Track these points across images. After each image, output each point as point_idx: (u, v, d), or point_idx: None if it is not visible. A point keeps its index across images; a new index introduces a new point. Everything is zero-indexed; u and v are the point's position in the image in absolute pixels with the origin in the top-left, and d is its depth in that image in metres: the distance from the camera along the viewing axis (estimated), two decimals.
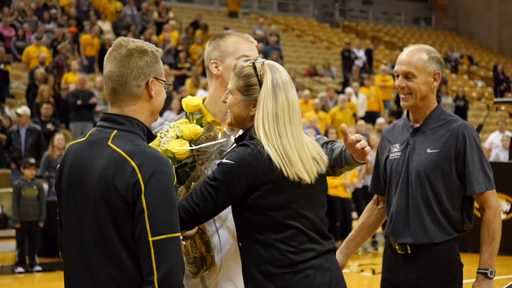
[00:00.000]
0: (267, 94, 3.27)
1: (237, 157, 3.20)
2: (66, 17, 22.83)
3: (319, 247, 3.30)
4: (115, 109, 3.02)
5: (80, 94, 16.98)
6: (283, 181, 3.20)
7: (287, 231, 3.22)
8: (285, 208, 3.23)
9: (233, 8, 30.47)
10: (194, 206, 3.20)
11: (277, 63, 3.38)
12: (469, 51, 33.26)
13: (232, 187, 3.18)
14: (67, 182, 3.02)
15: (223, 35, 3.70)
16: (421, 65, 4.11)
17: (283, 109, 3.26)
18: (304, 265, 3.22)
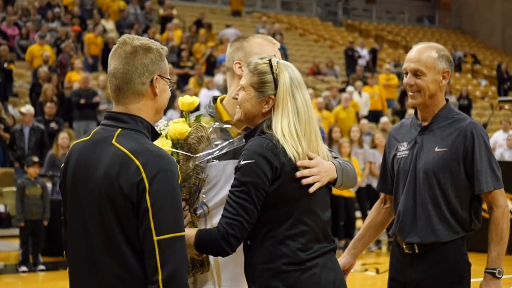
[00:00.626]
0: (285, 92, 3.28)
1: (255, 153, 3.20)
2: (70, 16, 22.83)
3: (324, 247, 3.30)
4: (120, 107, 3.01)
5: (83, 93, 16.98)
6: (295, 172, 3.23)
7: (298, 227, 3.23)
8: (298, 202, 3.23)
9: (236, 7, 30.47)
10: (239, 218, 3.17)
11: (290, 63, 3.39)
12: (472, 50, 33.23)
13: (262, 184, 3.18)
14: (71, 181, 3.01)
15: (246, 37, 3.69)
16: (431, 63, 4.09)
17: (304, 108, 3.29)
18: (311, 263, 3.23)
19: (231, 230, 3.16)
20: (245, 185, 3.18)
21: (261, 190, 3.18)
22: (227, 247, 3.18)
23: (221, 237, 3.16)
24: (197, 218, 3.49)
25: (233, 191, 3.21)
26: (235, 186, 3.20)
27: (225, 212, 3.20)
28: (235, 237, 3.16)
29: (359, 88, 20.81)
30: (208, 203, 3.52)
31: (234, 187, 3.21)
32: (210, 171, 3.49)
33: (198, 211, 3.50)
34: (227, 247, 3.17)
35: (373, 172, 13.63)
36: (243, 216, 3.17)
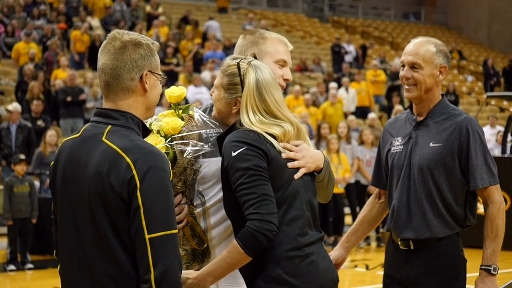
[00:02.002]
0: (250, 95, 3.29)
1: (242, 142, 3.20)
2: (55, 13, 22.74)
3: (315, 234, 3.31)
4: (109, 103, 2.97)
5: (70, 91, 16.93)
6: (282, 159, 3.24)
7: (291, 213, 3.22)
8: (288, 187, 3.24)
9: (222, 3, 30.43)
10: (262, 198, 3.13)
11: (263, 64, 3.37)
12: (458, 46, 33.30)
13: (263, 162, 3.18)
14: (61, 179, 2.97)
15: (263, 33, 3.61)
16: (428, 57, 4.07)
17: (276, 108, 3.30)
18: (309, 250, 3.23)
19: (263, 210, 3.12)
20: (249, 169, 3.16)
21: (264, 168, 3.18)
22: (269, 226, 3.10)
23: (258, 222, 3.10)
24: (195, 208, 3.46)
25: (241, 181, 3.17)
26: (240, 176, 3.17)
27: (246, 202, 3.15)
28: (271, 214, 3.12)
29: (345, 84, 20.81)
30: (208, 200, 3.48)
31: (240, 177, 3.17)
32: (210, 167, 3.45)
33: (195, 202, 3.47)
34: (269, 226, 3.10)
35: (361, 168, 13.62)
36: (264, 193, 3.14)
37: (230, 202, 3.27)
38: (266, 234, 3.10)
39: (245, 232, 3.12)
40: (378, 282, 4.30)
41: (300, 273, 3.18)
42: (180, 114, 3.47)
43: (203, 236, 3.46)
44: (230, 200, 3.27)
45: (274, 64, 3.56)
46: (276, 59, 3.58)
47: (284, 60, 3.60)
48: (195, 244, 3.45)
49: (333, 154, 13.11)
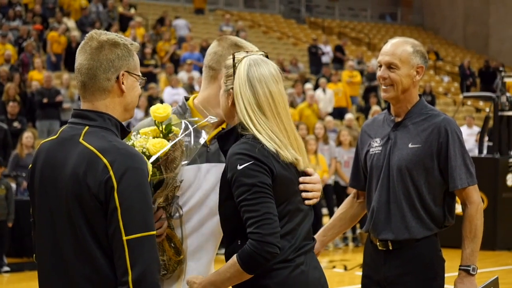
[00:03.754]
0: (242, 84, 3.22)
1: (250, 156, 3.14)
2: (31, 14, 22.61)
3: (308, 244, 3.28)
4: (86, 104, 2.95)
5: (46, 92, 16.83)
6: (286, 171, 3.19)
7: (288, 226, 3.19)
8: (288, 202, 3.20)
9: (199, 4, 30.38)
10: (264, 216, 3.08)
11: (264, 58, 3.31)
12: (435, 47, 33.44)
13: (268, 180, 3.12)
14: (39, 181, 2.95)
15: (240, 45, 3.56)
16: (405, 57, 4.07)
17: (267, 101, 3.22)
18: (299, 260, 3.20)
19: (264, 230, 3.07)
20: (254, 186, 3.10)
21: (269, 185, 3.13)
22: (269, 248, 3.07)
23: (258, 243, 3.07)
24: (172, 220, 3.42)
25: (245, 197, 3.11)
26: (244, 191, 3.11)
27: (248, 220, 3.10)
28: (271, 234, 3.07)
29: (323, 85, 20.83)
30: (182, 207, 3.46)
31: (244, 193, 3.11)
32: (185, 175, 3.43)
33: (174, 215, 3.45)
34: (269, 247, 3.07)
35: (338, 170, 13.64)
36: (267, 212, 3.09)
37: (228, 212, 3.23)
38: (265, 256, 3.07)
39: (245, 251, 3.10)
40: (357, 282, 4.31)
41: (289, 283, 3.16)
42: (164, 131, 3.39)
43: (180, 247, 3.46)
44: (229, 210, 3.22)
45: None
46: None
47: None
48: (172, 254, 3.43)
49: (311, 155, 13.12)
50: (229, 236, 3.29)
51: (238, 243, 3.19)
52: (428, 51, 31.14)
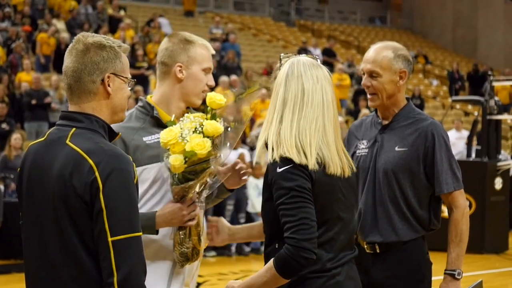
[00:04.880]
0: (279, 83, 3.24)
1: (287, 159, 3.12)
2: (20, 15, 22.55)
3: (347, 254, 3.25)
4: (73, 106, 2.95)
5: (34, 94, 16.78)
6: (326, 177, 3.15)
7: (327, 235, 3.17)
8: (329, 210, 3.17)
9: (189, 7, 30.35)
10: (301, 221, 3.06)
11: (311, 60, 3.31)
12: (424, 50, 33.51)
13: (307, 183, 3.10)
14: (26, 183, 2.95)
15: (190, 40, 3.71)
16: (386, 64, 4.05)
17: (296, 96, 3.20)
18: (336, 271, 3.17)
19: (300, 235, 3.04)
20: (293, 190, 3.08)
21: (309, 189, 3.10)
22: (305, 253, 3.04)
23: (293, 248, 3.04)
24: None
25: (283, 200, 3.09)
26: (282, 195, 3.10)
27: (285, 224, 3.08)
28: (307, 240, 3.05)
29: None
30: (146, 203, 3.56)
31: (282, 196, 3.10)
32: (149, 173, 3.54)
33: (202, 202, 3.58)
34: (305, 253, 3.04)
35: None
36: (304, 217, 3.06)
37: (268, 214, 3.22)
38: (300, 261, 3.05)
39: (281, 255, 3.08)
40: None
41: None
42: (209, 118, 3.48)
43: (204, 235, 3.59)
44: (268, 212, 3.22)
45: (201, 72, 3.69)
46: (204, 67, 3.71)
47: (210, 68, 3.74)
48: (196, 242, 3.54)
49: None
50: (268, 238, 3.27)
51: (276, 246, 3.18)
52: (417, 55, 31.24)
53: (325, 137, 3.21)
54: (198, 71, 3.69)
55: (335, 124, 3.26)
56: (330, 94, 3.26)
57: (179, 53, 3.67)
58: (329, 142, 3.21)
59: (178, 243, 3.53)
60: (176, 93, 3.69)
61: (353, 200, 3.34)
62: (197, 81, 3.70)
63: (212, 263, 12.45)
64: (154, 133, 3.60)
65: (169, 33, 24.08)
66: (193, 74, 3.69)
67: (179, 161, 3.39)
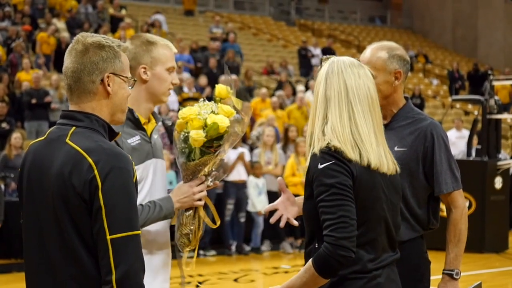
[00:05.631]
0: (319, 81, 3.25)
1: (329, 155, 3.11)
2: (20, 15, 22.55)
3: (389, 256, 3.24)
4: (73, 106, 2.97)
5: (34, 93, 16.77)
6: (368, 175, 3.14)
7: (368, 235, 3.15)
8: (371, 209, 3.15)
9: (189, 6, 30.34)
10: (341, 220, 3.05)
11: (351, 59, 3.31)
12: (424, 50, 33.51)
13: (348, 180, 3.09)
14: (26, 183, 2.97)
15: (153, 41, 3.81)
16: (380, 65, 4.04)
17: (339, 93, 3.19)
18: (377, 272, 3.16)
19: (339, 234, 3.03)
20: (333, 187, 3.07)
21: (350, 186, 3.08)
22: (343, 251, 3.03)
23: (332, 246, 3.03)
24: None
25: (323, 198, 3.08)
26: (323, 192, 3.09)
27: (324, 222, 3.07)
28: (346, 238, 3.03)
29: (312, 88, 20.82)
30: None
31: (322, 193, 3.09)
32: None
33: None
34: (343, 251, 3.02)
35: None
36: (343, 215, 3.05)
37: (310, 209, 3.21)
38: (339, 259, 3.03)
39: (319, 254, 3.07)
40: None
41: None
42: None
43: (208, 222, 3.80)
44: (309, 209, 3.21)
45: (165, 71, 3.79)
46: (167, 67, 3.81)
47: (173, 67, 3.85)
48: (197, 227, 3.69)
49: (301, 157, 13.13)
50: (309, 236, 3.26)
51: (316, 246, 3.17)
52: (418, 54, 31.24)
53: (373, 133, 3.21)
54: (162, 71, 3.80)
55: (380, 121, 3.27)
56: (373, 91, 3.27)
57: (142, 55, 3.76)
58: (377, 139, 3.22)
59: (183, 224, 3.66)
60: (143, 94, 3.78)
61: (396, 199, 3.31)
62: (162, 80, 3.81)
63: (212, 262, 12.44)
64: (135, 135, 3.71)
65: (165, 29, 24.20)
66: (158, 74, 3.79)
67: (200, 135, 3.64)
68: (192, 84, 18.69)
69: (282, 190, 4.00)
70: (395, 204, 3.30)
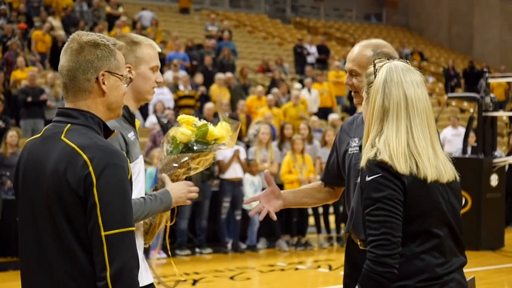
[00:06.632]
0: (376, 90, 3.18)
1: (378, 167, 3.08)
2: (16, 13, 22.53)
3: (458, 260, 3.21)
4: (69, 104, 2.99)
5: (30, 91, 16.75)
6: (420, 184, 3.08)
7: (431, 241, 3.13)
8: (429, 215, 3.12)
9: (184, 4, 30.35)
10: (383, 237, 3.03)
11: (406, 65, 3.26)
12: (419, 47, 33.54)
13: (396, 195, 3.05)
14: (22, 180, 2.99)
15: (137, 41, 3.92)
16: (364, 62, 4.05)
17: (398, 104, 3.14)
18: (448, 277, 3.13)
19: (381, 251, 3.02)
20: (379, 201, 3.05)
21: (398, 201, 3.04)
22: (384, 268, 3.02)
23: (373, 263, 3.03)
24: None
25: (368, 212, 3.07)
26: (368, 205, 3.07)
27: (368, 236, 3.06)
28: (387, 256, 3.01)
29: (308, 85, 20.84)
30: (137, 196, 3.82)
31: (368, 207, 3.07)
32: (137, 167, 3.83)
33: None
34: (383, 268, 3.02)
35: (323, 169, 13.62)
36: (386, 232, 3.02)
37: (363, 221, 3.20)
38: (381, 276, 3.02)
39: (362, 274, 3.08)
40: (342, 282, 4.32)
41: None
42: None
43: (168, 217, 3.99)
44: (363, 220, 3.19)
45: (149, 70, 3.90)
46: (151, 66, 3.92)
47: (157, 66, 3.96)
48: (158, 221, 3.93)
49: (298, 155, 13.13)
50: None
51: None
52: (413, 52, 31.26)
53: (430, 146, 3.16)
54: (146, 70, 3.90)
55: (435, 130, 3.23)
56: (429, 100, 3.23)
57: (127, 55, 3.80)
58: (435, 150, 3.17)
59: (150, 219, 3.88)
60: (129, 93, 3.82)
61: (457, 204, 3.26)
62: (146, 79, 3.91)
63: (208, 260, 12.44)
64: (131, 131, 3.82)
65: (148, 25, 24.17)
66: (142, 73, 3.89)
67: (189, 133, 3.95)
68: (187, 82, 18.67)
69: (268, 183, 4.04)
70: (455, 208, 3.24)
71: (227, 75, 19.56)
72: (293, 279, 10.98)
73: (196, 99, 18.14)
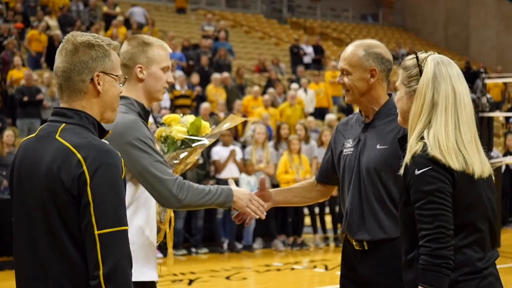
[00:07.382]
0: (426, 84, 3.18)
1: (428, 160, 3.09)
2: (12, 12, 22.51)
3: (493, 254, 3.24)
4: (64, 104, 3.00)
5: (26, 91, 16.74)
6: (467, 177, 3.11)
7: (474, 235, 3.15)
8: (475, 209, 3.14)
9: (181, 4, 30.32)
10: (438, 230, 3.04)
11: (448, 59, 3.30)
12: (416, 48, 33.53)
13: (447, 187, 3.07)
14: (16, 179, 3.01)
15: (148, 42, 4.00)
16: (355, 62, 4.10)
17: (447, 98, 3.16)
18: (487, 271, 3.15)
19: (436, 244, 3.03)
20: (430, 194, 3.06)
21: (448, 193, 3.06)
22: (443, 260, 3.03)
23: (430, 258, 3.04)
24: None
25: (420, 205, 3.07)
26: (419, 199, 3.08)
27: (421, 231, 3.07)
28: (442, 248, 3.03)
29: (304, 85, 20.85)
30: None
31: (419, 200, 3.08)
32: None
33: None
34: (442, 259, 3.03)
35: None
36: (440, 225, 3.04)
37: (407, 218, 3.20)
38: (442, 265, 3.02)
39: (421, 271, 3.07)
40: (338, 282, 4.33)
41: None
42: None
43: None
44: (407, 216, 3.19)
45: (160, 71, 3.97)
46: (162, 66, 4.00)
47: (168, 66, 4.03)
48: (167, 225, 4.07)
49: (294, 155, 13.14)
50: (408, 244, 3.24)
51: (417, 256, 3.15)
52: (409, 52, 31.24)
53: (474, 141, 3.20)
54: (158, 70, 3.98)
55: (475, 125, 3.25)
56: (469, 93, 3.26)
57: (139, 55, 3.94)
58: (477, 143, 3.21)
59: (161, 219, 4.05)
60: (140, 92, 3.96)
61: (493, 198, 3.30)
62: (157, 79, 3.99)
63: (204, 260, 12.45)
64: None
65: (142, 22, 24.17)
66: (153, 74, 3.97)
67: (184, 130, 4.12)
68: (184, 82, 18.67)
69: (261, 187, 4.13)
70: (493, 202, 3.28)
71: (223, 75, 19.56)
72: (289, 279, 10.99)
73: (193, 99, 18.15)
